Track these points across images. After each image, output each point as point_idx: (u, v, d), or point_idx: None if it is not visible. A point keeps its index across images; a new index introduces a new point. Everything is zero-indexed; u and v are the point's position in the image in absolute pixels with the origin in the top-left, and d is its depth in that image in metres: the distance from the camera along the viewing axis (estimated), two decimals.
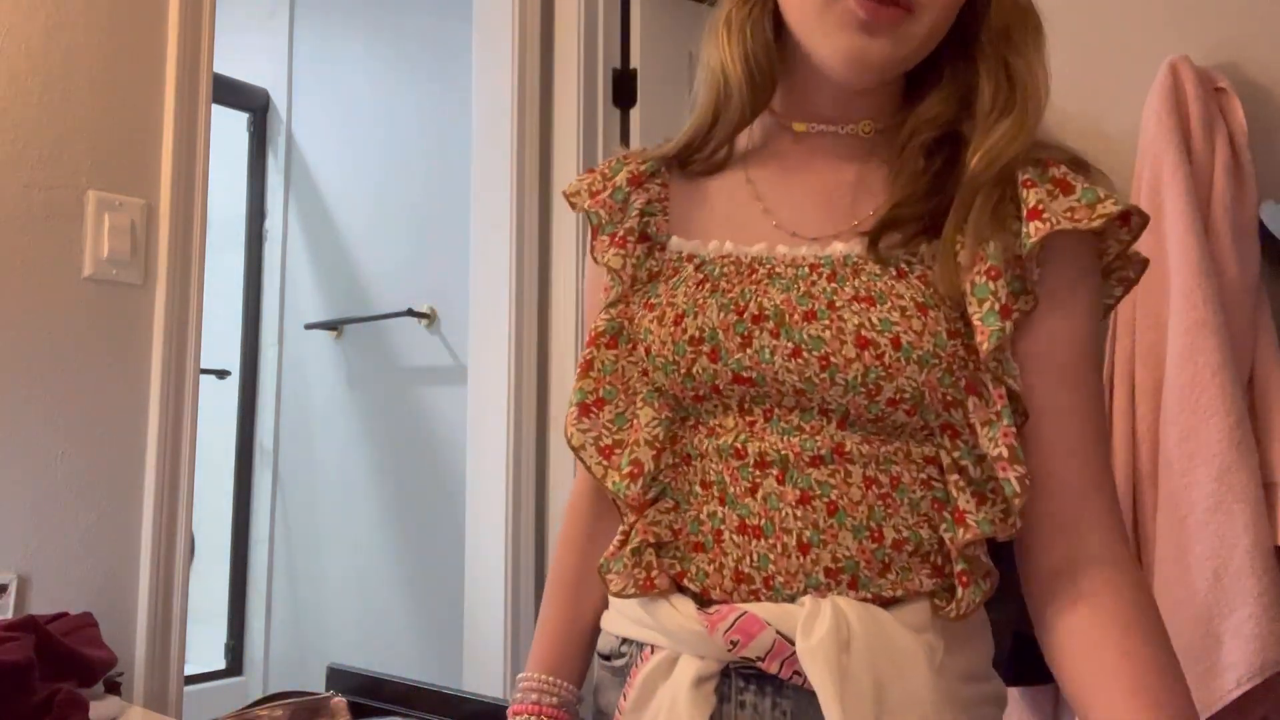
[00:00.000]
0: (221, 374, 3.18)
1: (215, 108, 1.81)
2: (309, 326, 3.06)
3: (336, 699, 1.55)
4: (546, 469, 2.07)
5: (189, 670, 1.89)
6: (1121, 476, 1.22)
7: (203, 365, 1.75)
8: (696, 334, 0.73)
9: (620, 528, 0.77)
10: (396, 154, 2.90)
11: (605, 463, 0.77)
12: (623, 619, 0.78)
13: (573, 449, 0.79)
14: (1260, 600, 1.09)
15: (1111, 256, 0.74)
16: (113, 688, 1.50)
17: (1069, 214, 0.69)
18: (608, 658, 0.82)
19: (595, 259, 0.82)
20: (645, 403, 0.76)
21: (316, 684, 2.60)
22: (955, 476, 0.70)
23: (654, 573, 0.74)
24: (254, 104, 3.29)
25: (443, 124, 2.74)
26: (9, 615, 1.47)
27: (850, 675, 0.66)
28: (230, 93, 3.11)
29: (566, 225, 2.10)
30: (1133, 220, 0.72)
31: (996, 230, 0.70)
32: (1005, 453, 0.67)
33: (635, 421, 0.77)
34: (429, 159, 2.80)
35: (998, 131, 0.72)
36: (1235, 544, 1.11)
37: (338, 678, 2.52)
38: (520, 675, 0.87)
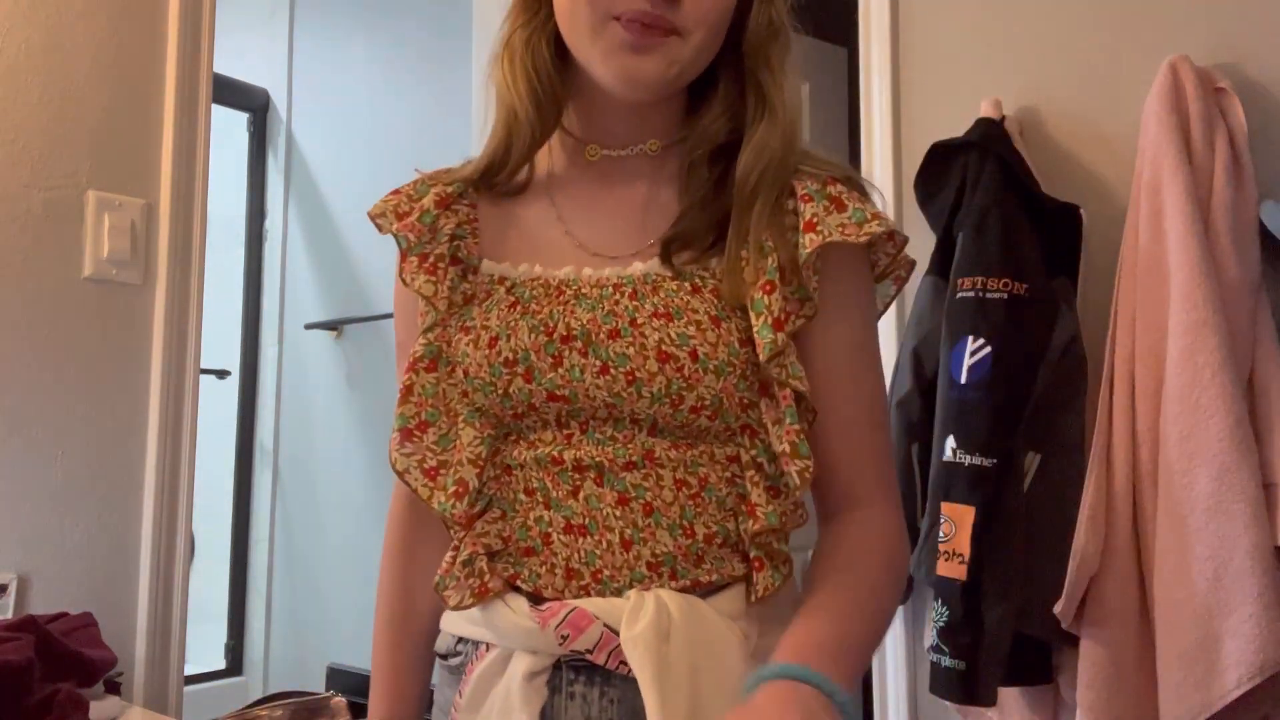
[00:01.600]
0: (221, 374, 3.18)
1: (215, 108, 1.81)
2: (309, 326, 3.06)
3: (336, 699, 1.55)
4: None
5: (189, 670, 1.89)
6: (1121, 476, 1.22)
7: (203, 365, 1.75)
8: (510, 356, 0.77)
9: (451, 544, 0.80)
10: (396, 153, 2.90)
11: (431, 484, 0.80)
12: (459, 619, 0.82)
13: (397, 473, 0.82)
14: (1260, 600, 1.09)
15: (881, 268, 0.83)
16: (113, 688, 1.50)
17: (841, 229, 0.76)
18: (445, 656, 0.85)
19: (404, 282, 0.84)
20: (466, 423, 0.79)
21: (316, 684, 2.60)
22: (752, 473, 0.77)
23: (487, 578, 0.77)
24: (254, 104, 3.29)
25: (442, 123, 2.74)
26: (9, 615, 1.47)
27: (669, 662, 0.71)
28: (230, 93, 3.11)
29: None
30: (896, 237, 0.81)
31: (777, 238, 0.77)
32: (788, 449, 0.74)
33: (458, 442, 0.80)
34: (429, 158, 2.78)
35: (752, 143, 0.80)
36: (1235, 544, 1.11)
37: (338, 678, 2.52)
38: None
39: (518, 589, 0.78)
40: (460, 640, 0.83)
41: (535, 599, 0.77)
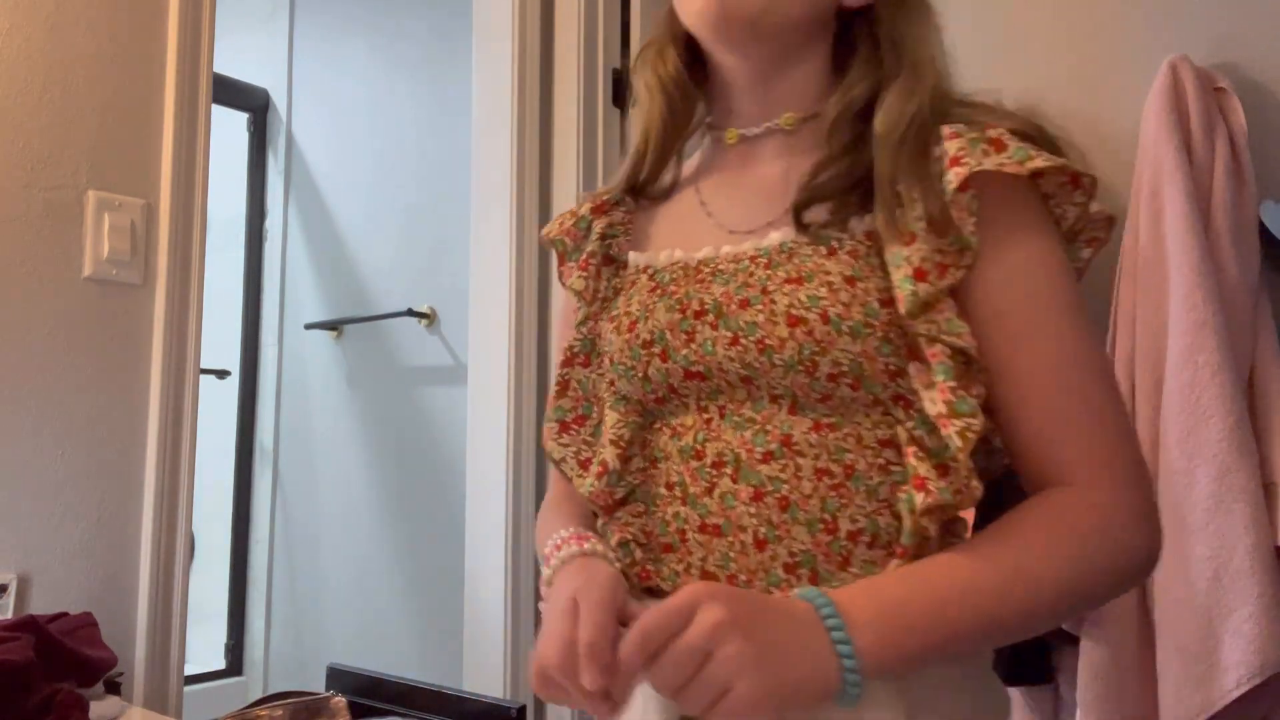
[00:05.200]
0: (221, 374, 3.18)
1: (215, 108, 1.81)
2: (309, 326, 3.06)
3: (336, 699, 1.55)
4: (546, 469, 2.07)
5: (189, 670, 1.89)
6: None
7: (203, 365, 1.75)
8: (648, 337, 0.76)
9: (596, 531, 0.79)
10: (396, 154, 2.90)
11: (583, 473, 0.80)
12: None
13: (553, 461, 0.83)
14: (1260, 600, 1.09)
15: (1071, 219, 0.74)
16: (113, 688, 1.50)
17: (1002, 164, 0.69)
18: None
19: (564, 285, 0.87)
20: (611, 409, 0.79)
21: (316, 684, 2.60)
22: (913, 449, 0.68)
23: (643, 565, 0.76)
24: (254, 104, 3.29)
25: (442, 124, 2.74)
26: (9, 615, 1.47)
27: None
28: (230, 93, 3.10)
29: None
30: (1083, 181, 0.72)
31: (922, 187, 0.70)
32: (944, 409, 0.66)
33: (604, 426, 0.79)
34: (429, 159, 2.80)
35: (892, 93, 0.75)
36: (1235, 544, 1.11)
37: (338, 678, 2.52)
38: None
39: (652, 591, 0.74)
40: None
41: None
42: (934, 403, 0.67)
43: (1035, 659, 1.30)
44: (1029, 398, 0.69)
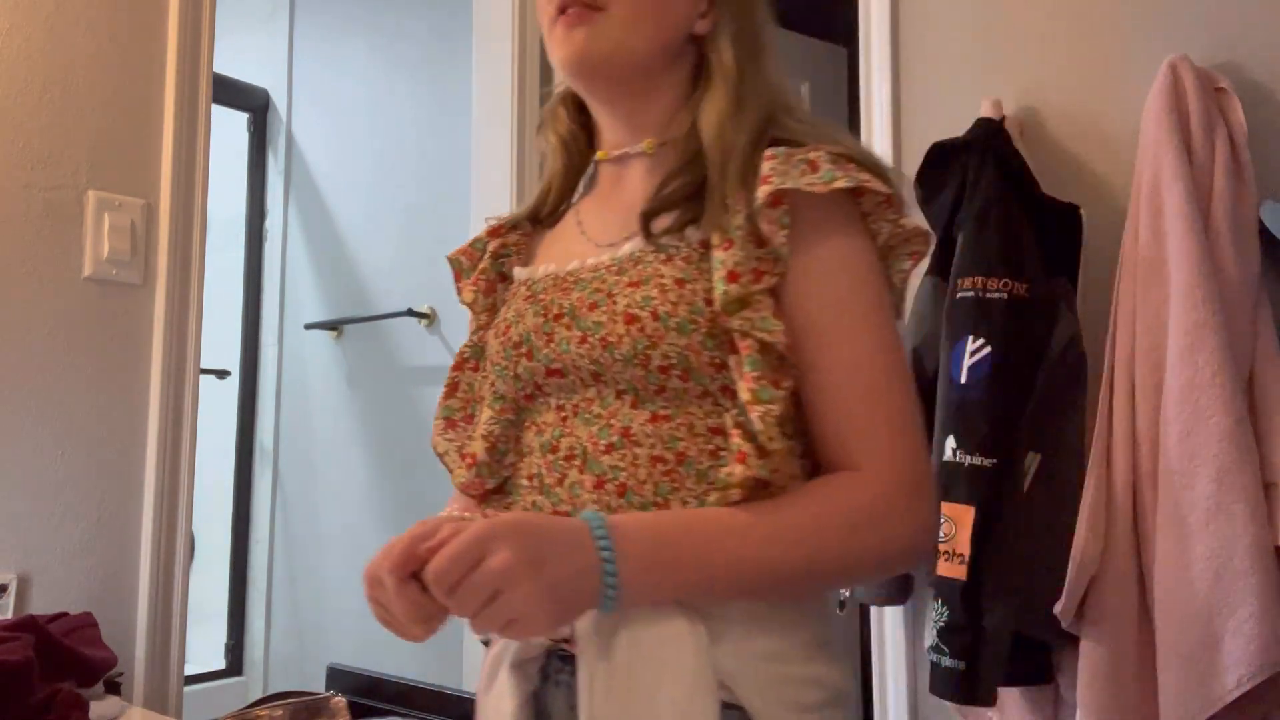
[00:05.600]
0: (221, 374, 3.18)
1: (215, 108, 1.81)
2: (309, 326, 3.06)
3: (336, 699, 1.55)
4: None
5: (189, 670, 1.89)
6: (1121, 477, 1.22)
7: (203, 365, 1.75)
8: (517, 339, 0.85)
9: None
10: (396, 153, 2.90)
11: (462, 464, 0.89)
12: None
13: (437, 455, 0.93)
14: (1260, 600, 1.09)
15: (885, 235, 0.82)
16: (113, 688, 1.50)
17: (809, 184, 0.78)
18: (485, 642, 0.92)
19: (459, 299, 0.99)
20: (488, 406, 0.88)
21: (316, 684, 2.60)
22: (738, 431, 0.76)
23: None
24: (254, 104, 3.28)
25: (443, 123, 2.74)
26: (9, 615, 1.47)
27: (612, 654, 0.73)
28: (230, 93, 3.10)
29: None
30: (893, 200, 0.81)
31: (744, 197, 0.79)
32: (749, 396, 0.75)
33: (478, 422, 0.89)
34: (429, 158, 2.80)
35: (724, 116, 0.84)
36: (1235, 544, 1.11)
37: (338, 678, 2.52)
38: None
39: None
40: None
41: None
42: (743, 391, 0.75)
43: (1035, 659, 1.30)
44: (828, 394, 0.78)
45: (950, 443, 1.29)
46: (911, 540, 0.77)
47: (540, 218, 0.99)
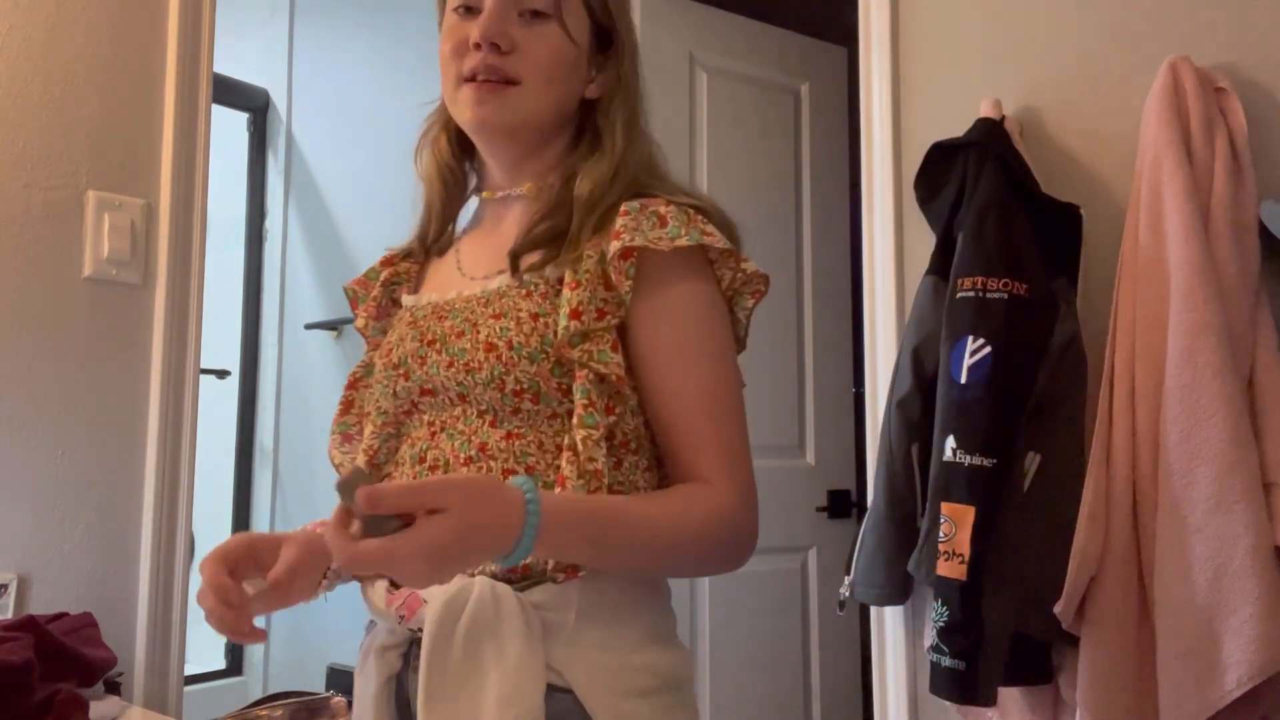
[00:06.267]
0: (221, 374, 3.18)
1: (215, 108, 1.81)
2: (309, 326, 3.06)
3: (336, 699, 1.56)
4: None
5: (189, 670, 1.89)
6: (1121, 476, 1.22)
7: (203, 365, 1.75)
8: (397, 360, 0.95)
9: None
10: (396, 153, 2.89)
11: None
12: (367, 595, 0.95)
13: (334, 466, 1.03)
14: (1260, 600, 1.09)
15: (728, 280, 0.94)
16: (113, 688, 1.50)
17: (653, 239, 0.88)
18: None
19: (355, 326, 1.08)
20: (370, 421, 0.98)
21: (316, 684, 2.60)
22: (569, 454, 0.85)
23: None
24: (254, 104, 3.29)
25: None
26: (9, 615, 1.47)
27: (450, 644, 0.81)
28: (230, 93, 3.10)
29: None
30: (735, 257, 0.92)
31: (598, 247, 0.90)
32: (576, 420, 0.85)
33: (363, 436, 0.98)
34: None
35: (592, 169, 0.95)
36: (1235, 544, 1.11)
37: (338, 678, 2.52)
38: None
39: None
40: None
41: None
42: (574, 415, 0.85)
43: (1035, 659, 1.30)
44: (674, 419, 0.90)
45: (950, 443, 1.29)
46: (748, 541, 0.90)
47: (428, 245, 1.07)
